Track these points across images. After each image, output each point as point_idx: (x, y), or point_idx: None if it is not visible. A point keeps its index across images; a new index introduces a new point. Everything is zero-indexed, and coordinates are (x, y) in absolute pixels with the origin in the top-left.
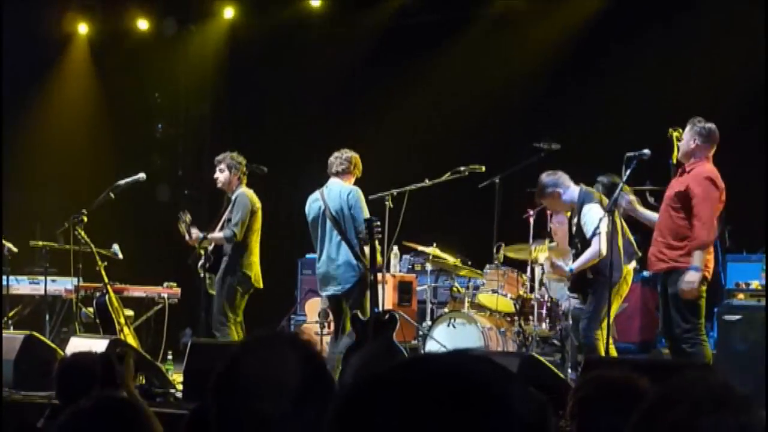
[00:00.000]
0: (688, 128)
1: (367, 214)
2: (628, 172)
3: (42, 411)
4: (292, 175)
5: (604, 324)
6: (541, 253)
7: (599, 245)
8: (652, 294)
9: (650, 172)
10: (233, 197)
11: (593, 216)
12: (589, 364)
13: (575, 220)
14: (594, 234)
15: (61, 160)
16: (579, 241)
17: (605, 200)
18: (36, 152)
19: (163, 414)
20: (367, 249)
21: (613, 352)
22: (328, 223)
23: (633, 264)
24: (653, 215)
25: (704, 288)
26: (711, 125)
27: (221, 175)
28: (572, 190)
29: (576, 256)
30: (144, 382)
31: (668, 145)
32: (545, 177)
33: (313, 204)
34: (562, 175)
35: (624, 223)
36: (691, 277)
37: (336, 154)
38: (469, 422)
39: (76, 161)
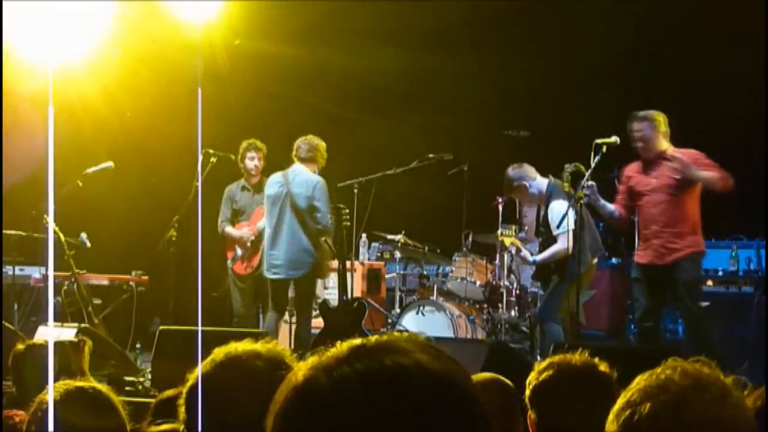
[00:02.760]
0: (639, 124)
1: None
2: (597, 159)
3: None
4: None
5: (563, 309)
6: (507, 238)
7: (566, 243)
8: (621, 281)
9: (618, 159)
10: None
11: (560, 211)
12: (557, 350)
13: (542, 212)
14: (560, 230)
15: None
16: (545, 231)
17: (571, 190)
18: None
19: (131, 402)
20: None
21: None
22: (288, 209)
23: (595, 260)
24: (611, 207)
25: None
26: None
27: (260, 163)
28: (539, 182)
29: (542, 246)
30: (112, 370)
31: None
32: (511, 170)
33: (274, 186)
34: (528, 167)
35: (590, 217)
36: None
37: (303, 139)
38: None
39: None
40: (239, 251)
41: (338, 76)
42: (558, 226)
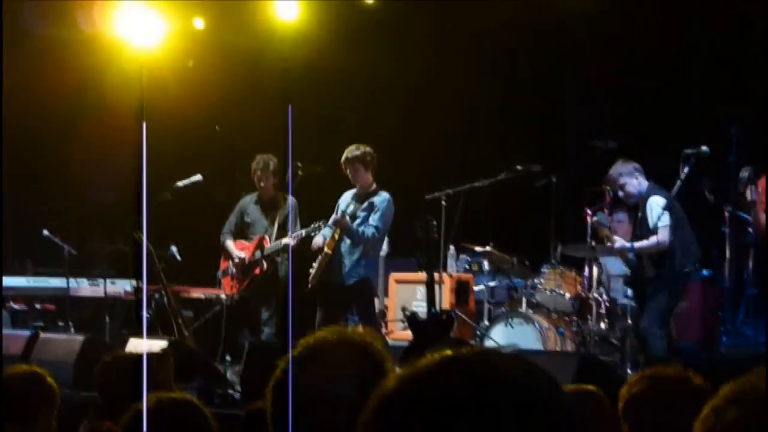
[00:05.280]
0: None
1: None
2: (686, 169)
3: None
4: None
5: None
6: (601, 228)
7: (666, 236)
8: (713, 293)
9: (708, 169)
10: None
11: (658, 206)
12: (649, 362)
13: (639, 214)
14: (661, 224)
15: None
16: (641, 233)
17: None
18: None
19: (220, 415)
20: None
21: None
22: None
23: (688, 269)
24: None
25: None
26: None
27: (265, 183)
28: (641, 183)
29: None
30: (202, 383)
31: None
32: (621, 165)
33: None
34: (636, 165)
35: (688, 224)
36: None
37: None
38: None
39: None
40: (232, 269)
41: (423, 87)
42: (657, 220)
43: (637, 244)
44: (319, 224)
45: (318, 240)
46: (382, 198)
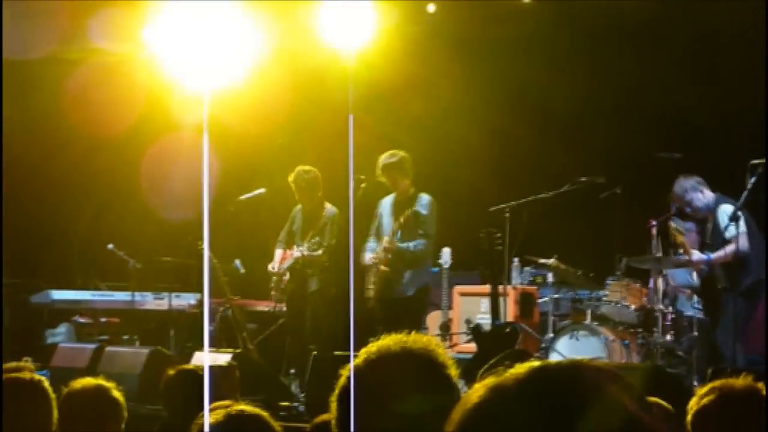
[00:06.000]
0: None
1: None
2: (753, 180)
3: None
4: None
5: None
6: (679, 234)
7: (744, 242)
8: None
9: None
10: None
11: (729, 216)
12: (716, 375)
13: (709, 225)
14: (738, 231)
15: None
16: (713, 243)
17: None
18: None
19: (285, 428)
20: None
21: None
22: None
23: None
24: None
25: None
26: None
27: (297, 194)
28: (707, 196)
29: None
30: (267, 396)
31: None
32: (684, 180)
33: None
34: (698, 179)
35: (759, 233)
36: None
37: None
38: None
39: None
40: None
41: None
42: (731, 228)
43: (714, 255)
44: (317, 240)
45: (367, 256)
46: (422, 203)
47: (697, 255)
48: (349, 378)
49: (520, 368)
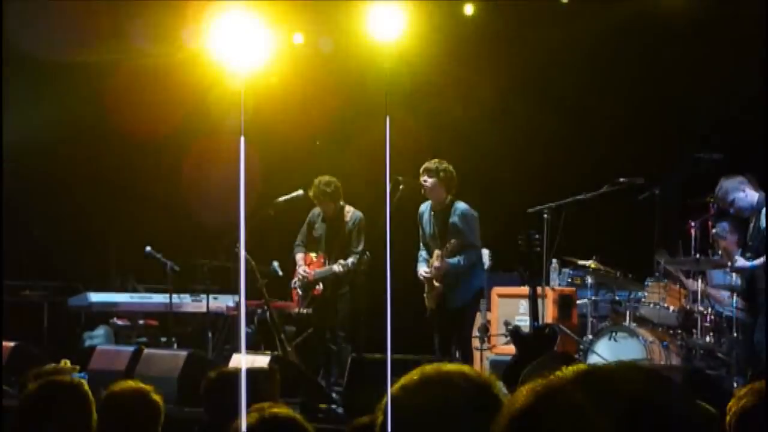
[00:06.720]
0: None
1: None
2: None
3: None
4: None
5: None
6: (722, 240)
7: None
8: None
9: None
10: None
11: None
12: (756, 376)
13: (751, 224)
14: None
15: None
16: (755, 244)
17: None
18: None
19: (324, 430)
20: None
21: None
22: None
23: None
24: None
25: None
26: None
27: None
28: (750, 195)
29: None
30: (305, 398)
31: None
32: (725, 181)
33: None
34: (742, 178)
35: None
36: None
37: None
38: None
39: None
40: (297, 282)
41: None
42: None
43: (757, 261)
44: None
45: (421, 270)
46: (461, 212)
47: (740, 262)
48: (402, 388)
49: (566, 371)
